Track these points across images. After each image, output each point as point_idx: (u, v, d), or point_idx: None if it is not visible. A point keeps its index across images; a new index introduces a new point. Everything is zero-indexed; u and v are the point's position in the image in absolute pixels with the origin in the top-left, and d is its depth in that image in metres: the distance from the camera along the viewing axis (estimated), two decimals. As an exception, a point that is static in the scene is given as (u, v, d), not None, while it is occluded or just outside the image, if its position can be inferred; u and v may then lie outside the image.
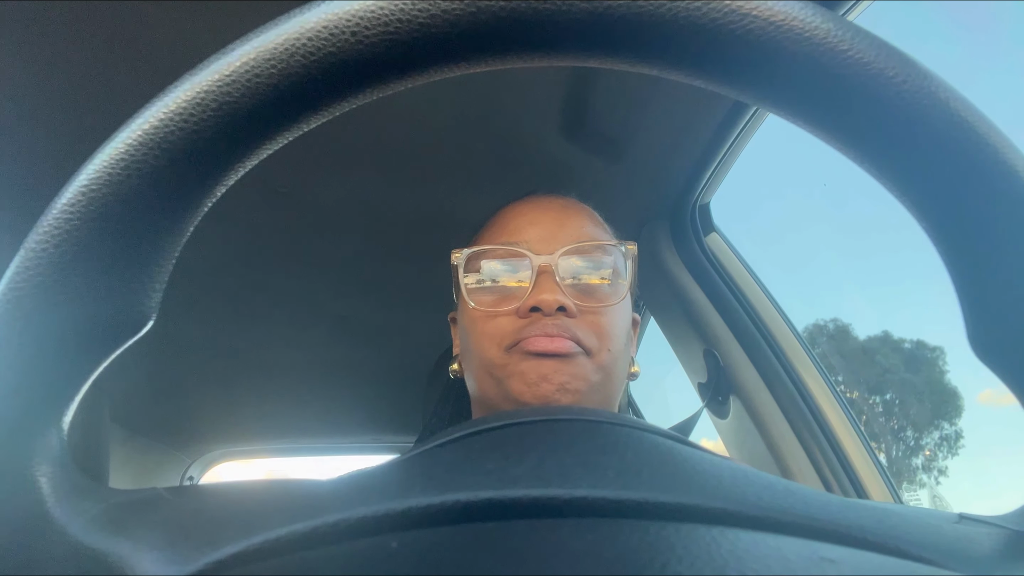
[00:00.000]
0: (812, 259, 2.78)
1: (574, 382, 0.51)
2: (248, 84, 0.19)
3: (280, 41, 0.19)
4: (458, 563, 0.18)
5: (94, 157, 0.20)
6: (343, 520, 0.20)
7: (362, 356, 1.64)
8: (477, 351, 0.55)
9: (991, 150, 0.20)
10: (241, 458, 2.28)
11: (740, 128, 0.91)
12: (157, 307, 0.23)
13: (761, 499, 0.23)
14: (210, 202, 0.22)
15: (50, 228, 0.20)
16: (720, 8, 0.19)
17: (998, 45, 2.19)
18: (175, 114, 0.19)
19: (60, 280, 0.20)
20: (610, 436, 0.28)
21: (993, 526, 0.26)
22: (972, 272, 0.22)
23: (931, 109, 0.20)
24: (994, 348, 0.23)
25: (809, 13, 0.19)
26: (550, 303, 0.51)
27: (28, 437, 0.21)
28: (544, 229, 0.56)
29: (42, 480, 0.22)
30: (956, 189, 0.21)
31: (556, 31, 0.19)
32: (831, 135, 0.21)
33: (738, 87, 0.21)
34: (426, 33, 0.19)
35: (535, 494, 0.21)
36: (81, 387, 0.22)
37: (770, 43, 0.19)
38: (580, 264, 0.55)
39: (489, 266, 0.56)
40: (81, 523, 0.22)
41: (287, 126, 0.20)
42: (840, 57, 0.19)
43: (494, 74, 0.81)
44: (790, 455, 0.98)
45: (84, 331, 0.21)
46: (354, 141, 0.94)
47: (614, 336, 0.54)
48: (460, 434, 0.31)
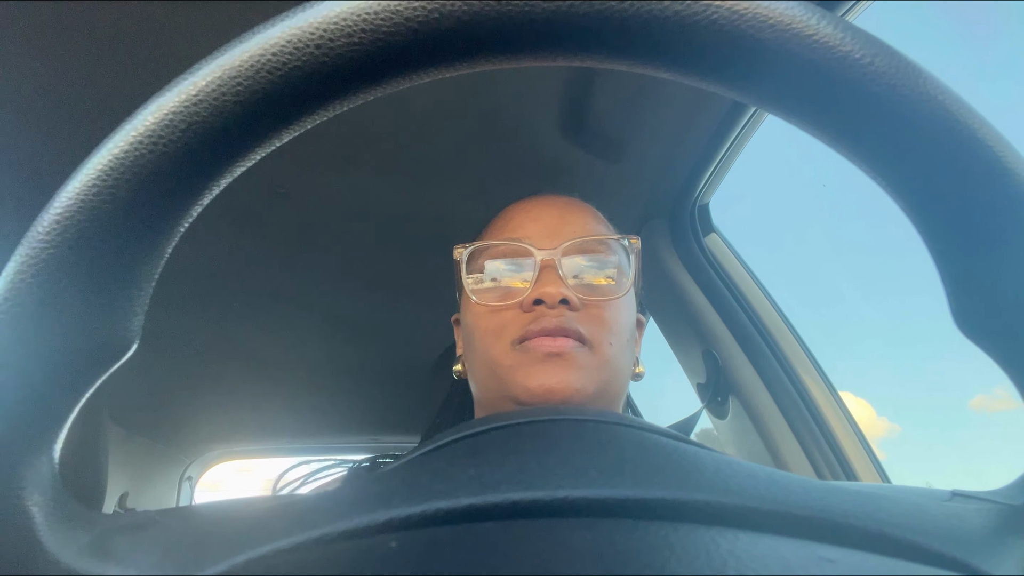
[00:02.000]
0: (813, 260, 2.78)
1: (577, 382, 0.51)
2: (215, 103, 0.19)
3: (245, 58, 0.19)
4: (458, 564, 0.18)
5: (67, 184, 0.20)
6: (326, 535, 0.20)
7: (362, 356, 1.64)
8: (481, 348, 0.55)
9: (964, 126, 0.20)
10: (240, 458, 2.28)
11: (739, 128, 0.91)
12: (139, 331, 0.22)
13: (743, 488, 0.23)
14: (187, 222, 0.21)
15: (26, 258, 0.20)
16: (726, 9, 0.19)
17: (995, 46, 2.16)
18: (144, 137, 0.19)
19: (40, 309, 0.20)
20: (593, 435, 0.29)
21: (985, 501, 0.26)
22: (952, 247, 0.22)
23: (905, 89, 0.19)
24: (977, 323, 0.23)
25: (809, 16, 0.19)
26: (553, 295, 0.52)
27: (18, 467, 0.21)
28: (547, 225, 0.57)
29: (34, 510, 0.21)
30: (932, 165, 0.21)
31: (534, 32, 0.19)
32: (811, 123, 0.21)
33: (740, 89, 0.21)
34: (388, 41, 0.19)
35: (515, 497, 0.21)
36: (69, 414, 0.22)
37: (772, 44, 0.19)
38: (583, 258, 0.55)
39: (492, 263, 0.56)
40: (73, 551, 0.22)
41: (259, 142, 0.20)
42: (826, 49, 0.19)
43: (494, 74, 0.81)
44: (789, 455, 0.98)
45: (68, 360, 0.21)
46: (354, 141, 0.94)
47: (617, 330, 0.54)
48: (444, 441, 0.32)
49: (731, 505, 0.21)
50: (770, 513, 0.21)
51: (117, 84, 0.79)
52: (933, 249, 0.23)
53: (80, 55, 0.76)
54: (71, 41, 0.74)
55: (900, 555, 0.21)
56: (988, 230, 0.21)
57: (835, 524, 0.21)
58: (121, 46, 0.75)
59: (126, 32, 0.73)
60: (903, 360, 3.06)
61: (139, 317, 0.22)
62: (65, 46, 0.74)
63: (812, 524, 0.21)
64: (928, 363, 3.23)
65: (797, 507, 0.22)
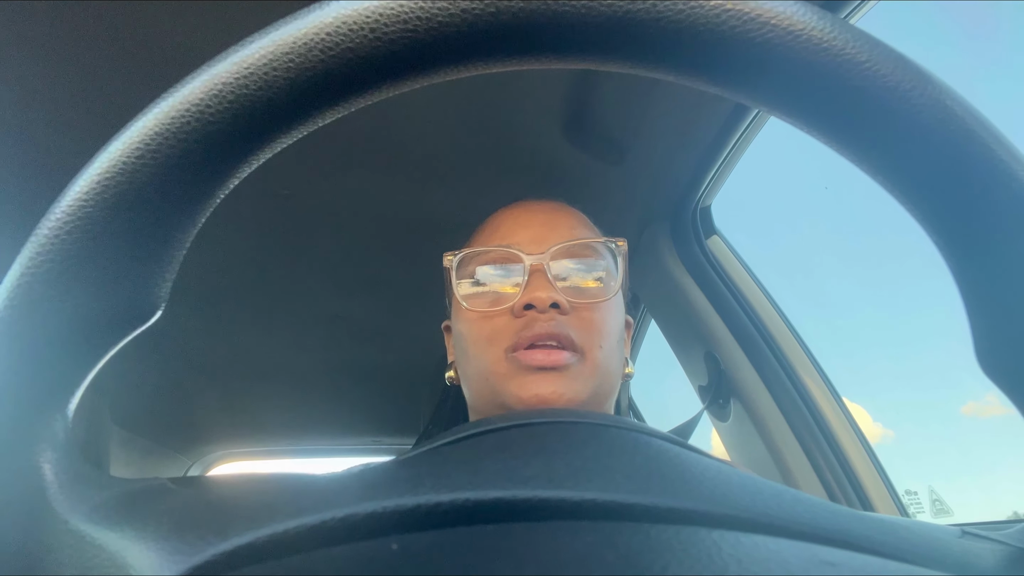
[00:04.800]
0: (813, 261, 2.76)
1: (570, 392, 0.51)
2: (265, 77, 0.19)
3: (300, 35, 0.19)
4: (457, 565, 0.18)
5: (109, 145, 0.20)
6: (352, 515, 0.20)
7: (362, 357, 1.64)
8: (474, 355, 0.56)
9: (1003, 165, 0.20)
10: (242, 459, 2.29)
11: (742, 131, 0.91)
12: (166, 297, 0.22)
13: (770, 507, 0.23)
14: (223, 193, 0.22)
15: (62, 215, 0.20)
16: (735, 11, 0.18)
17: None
18: (192, 104, 0.19)
19: (71, 267, 0.20)
20: (617, 440, 0.28)
21: (996, 543, 0.26)
22: (982, 288, 0.22)
23: (943, 123, 0.19)
24: (1002, 366, 0.23)
25: (816, 18, 0.19)
26: (543, 300, 0.52)
27: (33, 422, 0.21)
28: (534, 231, 0.57)
29: (45, 467, 0.21)
30: (967, 202, 0.20)
31: (574, 35, 0.19)
32: (841, 143, 0.21)
33: (747, 92, 0.21)
34: (445, 32, 0.19)
35: (544, 495, 0.21)
36: (88, 374, 0.22)
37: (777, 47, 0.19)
38: (571, 262, 0.56)
39: (482, 269, 0.57)
40: (83, 512, 0.21)
41: (302, 120, 0.20)
42: (841, 61, 0.19)
43: (495, 76, 0.81)
44: (791, 457, 0.98)
45: (94, 319, 0.21)
46: (355, 142, 0.94)
47: (606, 333, 0.55)
48: (467, 433, 0.31)
49: (758, 523, 0.21)
50: (797, 533, 0.21)
51: (118, 83, 0.79)
52: (962, 284, 0.22)
53: (80, 54, 0.76)
54: (71, 39, 0.74)
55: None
56: (1021, 269, 0.20)
57: (861, 549, 0.21)
58: (121, 44, 0.75)
59: (127, 30, 0.73)
60: (897, 366, 3.07)
61: (167, 284, 0.22)
62: (65, 44, 0.74)
63: (838, 546, 0.21)
64: (921, 370, 3.26)
65: (824, 529, 0.21)
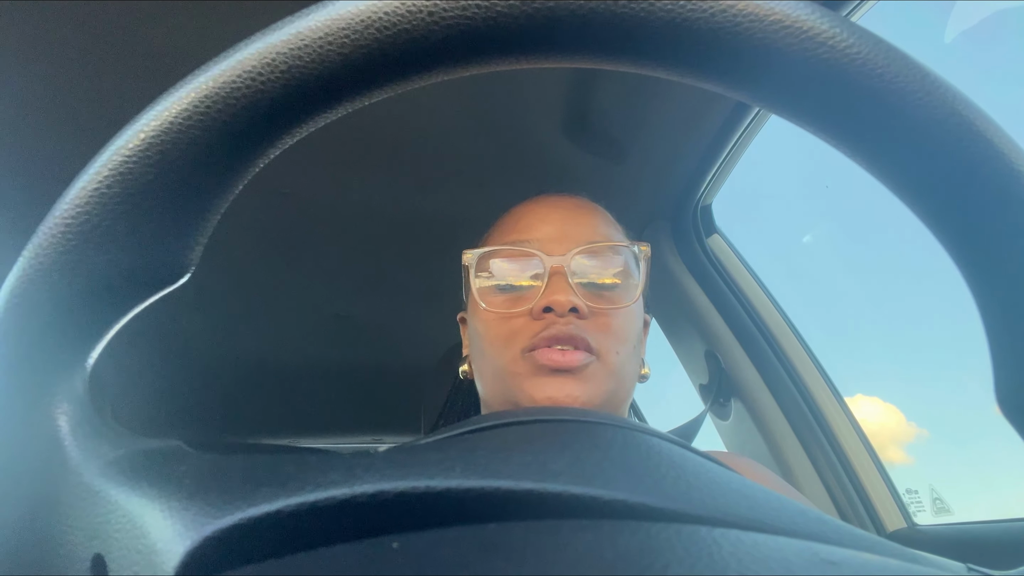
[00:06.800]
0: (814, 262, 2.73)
1: (584, 395, 0.51)
2: (320, 51, 0.19)
3: (358, 11, 0.19)
4: (457, 563, 0.18)
5: (157, 103, 0.20)
6: (383, 492, 0.20)
7: (362, 356, 1.65)
8: (490, 354, 0.55)
9: (1010, 168, 0.19)
10: (242, 458, 2.28)
11: (742, 130, 0.91)
12: (196, 261, 0.23)
13: (796, 524, 0.22)
14: (263, 162, 0.22)
15: (102, 169, 0.20)
16: (738, 11, 0.18)
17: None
18: (244, 71, 0.20)
19: (108, 221, 0.20)
20: (644, 444, 0.28)
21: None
22: (1008, 328, 0.21)
23: (950, 123, 0.19)
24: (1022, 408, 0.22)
25: (819, 16, 0.19)
26: (563, 304, 0.51)
27: (53, 373, 0.21)
28: (555, 228, 0.56)
29: (61, 417, 0.21)
30: (975, 206, 0.20)
31: (575, 35, 0.19)
32: (845, 142, 0.21)
33: (751, 92, 0.20)
34: (497, 23, 0.19)
35: (575, 491, 0.21)
36: (110, 329, 0.22)
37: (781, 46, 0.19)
38: (592, 265, 0.54)
39: (500, 267, 0.56)
40: (97, 467, 0.21)
41: (347, 98, 0.20)
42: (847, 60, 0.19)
43: (497, 75, 0.81)
44: (792, 456, 0.98)
45: (124, 274, 0.21)
46: (356, 142, 0.94)
47: (625, 338, 0.54)
48: (492, 424, 0.31)
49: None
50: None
51: (119, 81, 0.79)
52: (988, 323, 0.22)
53: (80, 54, 0.76)
54: (72, 38, 0.74)
55: None
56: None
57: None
58: (121, 43, 0.75)
59: (126, 29, 0.73)
60: (930, 367, 3.02)
61: (199, 248, 0.22)
62: (66, 42, 0.74)
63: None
64: (954, 370, 3.19)
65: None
